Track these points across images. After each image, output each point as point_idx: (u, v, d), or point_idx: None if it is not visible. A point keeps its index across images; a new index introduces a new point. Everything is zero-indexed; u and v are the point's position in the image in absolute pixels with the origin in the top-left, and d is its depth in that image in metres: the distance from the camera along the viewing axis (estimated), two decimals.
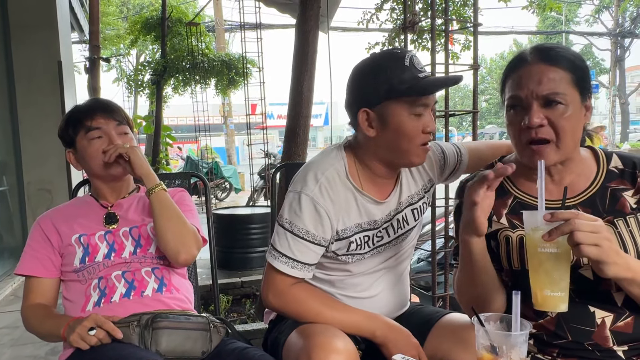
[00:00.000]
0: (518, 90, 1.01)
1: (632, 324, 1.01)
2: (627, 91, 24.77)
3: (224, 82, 8.15)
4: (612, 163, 1.09)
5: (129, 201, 1.41)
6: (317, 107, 29.53)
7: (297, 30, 2.88)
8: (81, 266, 1.30)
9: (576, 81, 1.00)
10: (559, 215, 0.85)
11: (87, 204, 1.41)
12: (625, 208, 1.03)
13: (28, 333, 1.31)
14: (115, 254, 1.32)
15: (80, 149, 1.34)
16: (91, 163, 1.33)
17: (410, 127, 1.15)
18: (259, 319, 3.08)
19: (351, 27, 12.59)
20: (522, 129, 1.01)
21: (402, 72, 1.13)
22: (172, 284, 1.34)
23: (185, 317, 1.23)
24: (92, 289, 1.29)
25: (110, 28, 14.68)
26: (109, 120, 1.34)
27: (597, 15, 22.85)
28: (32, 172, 4.79)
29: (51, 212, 1.40)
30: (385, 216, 1.27)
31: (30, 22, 4.67)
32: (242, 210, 5.02)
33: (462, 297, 1.13)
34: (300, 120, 2.88)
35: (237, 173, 11.00)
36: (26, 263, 1.34)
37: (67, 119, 1.37)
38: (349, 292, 1.28)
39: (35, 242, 1.35)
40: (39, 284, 1.33)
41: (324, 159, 1.25)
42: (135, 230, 1.36)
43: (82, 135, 1.33)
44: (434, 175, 1.36)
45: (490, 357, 0.85)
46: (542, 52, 1.02)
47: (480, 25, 2.11)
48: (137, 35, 8.06)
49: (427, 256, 3.12)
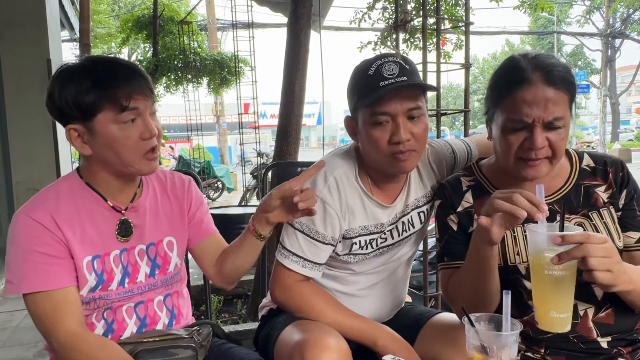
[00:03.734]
0: (523, 115, 1.01)
1: (612, 315, 1.05)
2: (617, 91, 25.01)
3: (216, 81, 8.12)
4: (584, 162, 1.15)
5: (142, 204, 1.17)
6: (310, 107, 29.57)
7: (289, 29, 2.87)
8: (90, 296, 1.09)
9: (571, 100, 1.04)
10: (570, 239, 0.84)
11: (91, 202, 1.11)
12: (598, 202, 1.10)
13: (16, 334, 1.18)
14: (130, 279, 1.14)
15: (101, 132, 1.02)
16: (123, 153, 1.04)
17: (374, 136, 1.12)
18: (250, 319, 3.07)
19: (343, 27, 12.60)
20: (521, 148, 1.04)
21: (364, 81, 1.12)
22: (180, 312, 1.25)
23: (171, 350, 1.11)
24: (96, 318, 1.12)
25: (101, 26, 14.57)
26: (146, 100, 1.05)
27: (588, 15, 23.05)
28: (21, 171, 4.73)
29: (46, 205, 1.06)
30: (392, 219, 1.26)
31: (19, 19, 4.62)
32: (235, 210, 5.00)
33: (456, 298, 1.12)
34: (292, 119, 2.87)
35: (230, 172, 10.96)
36: (37, 275, 1.02)
37: (90, 87, 0.99)
38: (348, 289, 1.29)
39: (38, 245, 1.03)
40: (65, 297, 1.04)
41: (333, 160, 1.24)
42: (152, 248, 1.17)
43: (110, 116, 1.01)
44: (443, 177, 1.32)
45: (481, 358, 0.85)
46: (546, 72, 1.01)
47: (472, 24, 2.12)
48: (128, 33, 8.00)
49: (419, 255, 3.12)
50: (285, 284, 1.21)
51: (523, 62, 1.04)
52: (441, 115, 2.14)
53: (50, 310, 1.03)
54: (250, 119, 8.73)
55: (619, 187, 1.11)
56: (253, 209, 4.94)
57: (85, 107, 1.00)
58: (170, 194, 1.24)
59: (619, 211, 1.10)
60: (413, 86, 1.11)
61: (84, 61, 1.05)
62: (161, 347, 1.10)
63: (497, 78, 1.09)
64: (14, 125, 4.65)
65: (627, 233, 1.09)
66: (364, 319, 1.21)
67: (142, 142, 1.05)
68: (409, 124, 1.11)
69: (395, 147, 1.10)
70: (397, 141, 1.10)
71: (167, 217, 1.22)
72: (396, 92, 1.09)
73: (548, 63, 1.03)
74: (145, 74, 1.06)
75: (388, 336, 1.16)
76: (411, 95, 1.11)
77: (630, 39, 21.65)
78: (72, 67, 1.04)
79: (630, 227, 1.09)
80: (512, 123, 1.03)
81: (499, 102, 1.06)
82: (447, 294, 1.17)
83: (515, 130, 1.03)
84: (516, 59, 1.06)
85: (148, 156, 1.07)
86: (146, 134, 1.05)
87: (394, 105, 1.09)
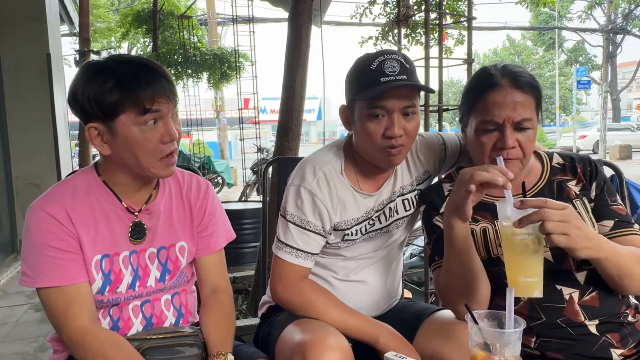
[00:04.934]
0: (494, 115, 1.11)
1: (597, 297, 1.11)
2: (618, 87, 24.95)
3: (216, 76, 8.10)
4: (554, 160, 1.26)
5: (156, 207, 1.16)
6: (310, 102, 29.50)
7: (290, 23, 2.85)
8: (97, 297, 1.09)
9: (537, 104, 1.15)
10: (529, 203, 0.92)
11: (106, 201, 1.10)
12: (570, 195, 1.20)
13: (16, 329, 1.18)
14: (140, 283, 1.13)
15: (122, 132, 1.01)
16: (141, 155, 1.03)
17: (369, 129, 1.17)
18: (250, 314, 3.07)
19: (344, 22, 12.56)
20: (494, 148, 1.13)
21: (365, 75, 1.16)
22: (188, 310, 1.24)
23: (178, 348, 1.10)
24: (102, 315, 1.12)
25: (100, 21, 14.51)
26: (169, 103, 1.04)
27: (589, 11, 22.95)
28: (20, 166, 4.73)
29: (62, 200, 1.06)
30: (378, 205, 1.30)
31: (18, 13, 4.60)
32: (235, 206, 4.99)
33: (448, 292, 1.16)
34: (293, 114, 2.86)
35: (230, 168, 10.95)
36: (51, 270, 1.02)
37: (114, 87, 0.99)
38: (340, 275, 1.32)
39: (52, 240, 1.03)
40: (77, 292, 1.04)
41: (322, 155, 1.29)
42: (163, 252, 1.16)
43: (132, 117, 1.00)
44: (431, 167, 1.37)
45: (484, 355, 0.84)
46: (513, 77, 1.13)
47: (475, 19, 2.10)
48: (128, 28, 7.96)
49: (419, 251, 3.12)
50: (287, 281, 1.23)
51: (493, 70, 1.16)
52: (443, 111, 2.13)
53: (63, 305, 1.03)
54: (250, 114, 8.72)
55: (588, 179, 1.21)
56: (253, 204, 4.96)
57: (107, 107, 1.00)
58: (185, 198, 1.21)
59: (592, 202, 1.19)
60: (412, 86, 1.17)
61: (109, 60, 1.04)
62: (168, 345, 1.10)
63: (470, 86, 1.20)
64: (13, 120, 4.64)
65: (601, 222, 1.16)
66: (365, 317, 1.22)
67: (161, 146, 1.04)
68: (403, 121, 1.17)
69: (388, 141, 1.17)
70: (390, 135, 1.16)
71: (180, 221, 1.19)
72: (395, 89, 1.14)
73: (515, 70, 1.15)
74: (169, 77, 1.06)
75: (389, 334, 1.17)
76: (408, 94, 1.17)
77: (632, 34, 21.54)
78: (96, 66, 1.03)
79: (604, 215, 1.17)
80: (484, 124, 1.13)
81: (472, 106, 1.16)
82: (440, 292, 1.21)
83: (487, 131, 1.13)
84: (487, 68, 1.19)
85: (166, 161, 1.06)
86: (167, 137, 1.04)
87: (392, 101, 1.15)
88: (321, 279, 1.32)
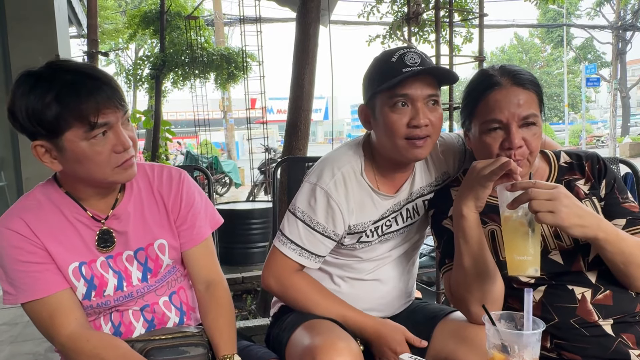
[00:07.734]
0: (498, 113, 1.09)
1: (610, 296, 1.09)
2: (628, 85, 24.70)
3: (223, 76, 8.10)
4: (562, 160, 1.23)
5: (124, 210, 1.11)
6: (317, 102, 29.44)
7: (298, 22, 2.84)
8: (85, 303, 1.08)
9: (539, 101, 1.14)
10: (518, 185, 0.95)
11: (71, 212, 1.07)
12: (580, 194, 1.16)
13: (28, 329, 1.19)
14: (126, 283, 1.12)
15: (70, 148, 0.96)
16: (94, 169, 0.99)
17: (392, 120, 1.14)
18: (260, 314, 3.07)
19: (351, 21, 12.52)
20: (501, 149, 1.11)
21: (387, 67, 1.14)
22: (190, 306, 1.22)
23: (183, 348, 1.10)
24: (103, 321, 1.13)
25: (108, 22, 14.59)
26: (117, 111, 0.98)
27: (598, 8, 22.72)
28: (30, 167, 4.75)
29: (22, 214, 1.04)
30: (394, 205, 1.28)
31: (27, 15, 4.63)
32: (243, 205, 4.99)
33: (461, 292, 1.13)
34: (301, 114, 2.85)
35: (237, 168, 10.97)
36: (28, 284, 1.02)
37: (52, 102, 0.92)
38: (355, 275, 1.31)
39: (21, 254, 1.01)
40: (59, 301, 1.03)
41: (342, 155, 1.26)
42: (141, 253, 1.13)
43: (80, 133, 0.95)
44: (450, 168, 1.34)
45: (502, 357, 0.83)
46: (513, 76, 1.12)
47: (487, 15, 2.08)
48: (135, 29, 7.98)
49: (429, 251, 3.10)
50: (280, 274, 1.23)
51: (491, 71, 1.15)
52: (454, 110, 2.10)
53: (48, 316, 1.03)
54: (257, 114, 8.73)
55: (597, 178, 1.18)
56: (261, 204, 4.96)
57: (48, 124, 0.93)
58: (156, 195, 1.16)
59: (602, 201, 1.16)
60: (436, 72, 1.15)
61: (44, 70, 0.96)
62: (172, 345, 1.09)
63: (470, 88, 1.18)
64: None
65: (613, 221, 1.12)
66: (354, 309, 1.23)
67: (115, 155, 1.00)
68: (427, 110, 1.14)
69: (413, 130, 1.13)
70: (416, 125, 1.12)
71: (154, 219, 1.15)
72: (418, 77, 1.12)
73: (514, 69, 1.14)
74: (112, 83, 0.99)
75: (376, 322, 1.20)
76: (431, 83, 1.14)
77: None
78: (32, 77, 0.96)
79: (615, 214, 1.14)
80: (488, 124, 1.11)
81: (474, 109, 1.14)
82: (452, 294, 1.18)
83: (492, 130, 1.11)
84: (485, 70, 1.18)
85: (122, 167, 1.02)
86: (119, 146, 0.99)
87: (414, 89, 1.12)
88: (337, 277, 1.31)
